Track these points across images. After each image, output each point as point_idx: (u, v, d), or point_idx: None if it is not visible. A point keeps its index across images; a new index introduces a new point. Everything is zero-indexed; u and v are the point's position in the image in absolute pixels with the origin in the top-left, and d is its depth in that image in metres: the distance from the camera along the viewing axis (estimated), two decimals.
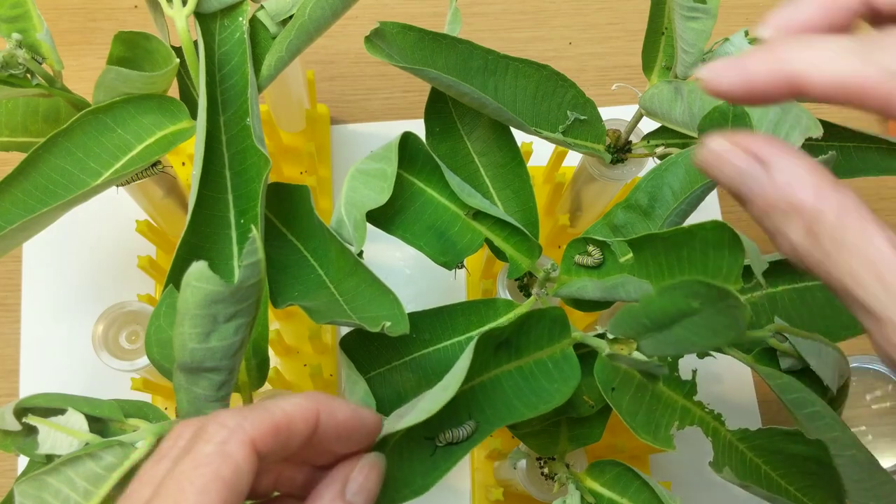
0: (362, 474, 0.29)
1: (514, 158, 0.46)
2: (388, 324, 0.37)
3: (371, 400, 0.38)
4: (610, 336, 0.38)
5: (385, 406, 0.41)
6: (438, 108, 0.46)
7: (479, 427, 0.37)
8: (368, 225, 0.68)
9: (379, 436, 0.33)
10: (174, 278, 0.38)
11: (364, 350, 0.41)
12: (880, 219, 0.22)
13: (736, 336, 0.32)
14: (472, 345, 0.35)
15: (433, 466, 0.35)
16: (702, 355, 0.43)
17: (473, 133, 0.46)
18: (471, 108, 0.45)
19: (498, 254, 0.45)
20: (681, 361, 0.43)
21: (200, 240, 0.40)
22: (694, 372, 0.42)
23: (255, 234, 0.28)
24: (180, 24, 0.42)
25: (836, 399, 0.44)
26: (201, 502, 0.24)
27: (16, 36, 0.41)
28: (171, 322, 0.35)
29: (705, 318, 0.32)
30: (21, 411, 0.34)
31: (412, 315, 0.41)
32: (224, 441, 0.25)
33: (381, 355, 0.42)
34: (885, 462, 0.60)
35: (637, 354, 0.36)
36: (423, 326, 0.43)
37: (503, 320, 0.44)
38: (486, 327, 0.44)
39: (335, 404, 0.29)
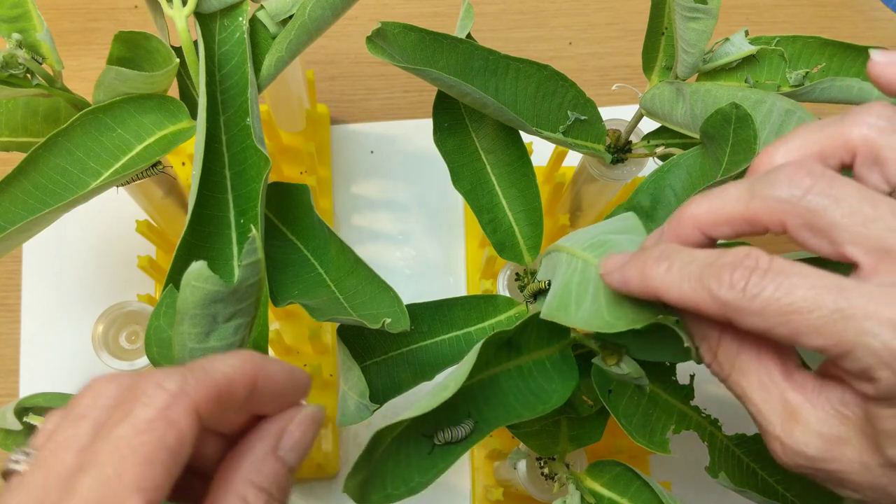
0: (300, 429, 0.27)
1: (521, 157, 0.46)
2: (388, 321, 0.37)
3: (365, 387, 0.38)
4: (598, 343, 0.38)
5: (380, 395, 0.41)
6: (448, 104, 0.46)
7: (477, 426, 0.37)
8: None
9: (376, 430, 0.33)
10: (174, 278, 0.38)
11: (361, 338, 0.41)
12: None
13: (687, 359, 0.32)
14: (477, 347, 0.35)
15: (431, 465, 0.35)
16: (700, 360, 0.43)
17: (481, 130, 0.46)
18: None
19: (501, 247, 0.45)
20: (679, 366, 0.42)
21: (200, 240, 0.40)
22: (691, 377, 0.42)
23: (255, 234, 0.27)
24: (180, 24, 0.42)
25: None
26: (146, 473, 0.22)
27: (16, 36, 0.41)
28: (171, 322, 0.35)
29: (674, 337, 0.33)
30: (22, 411, 0.34)
31: (411, 306, 0.41)
32: (167, 406, 0.23)
33: (378, 345, 0.42)
34: None
35: (624, 365, 0.36)
36: (422, 318, 0.43)
37: (503, 318, 0.44)
38: (487, 323, 0.44)
39: (271, 366, 0.27)
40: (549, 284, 0.39)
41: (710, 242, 0.29)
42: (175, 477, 0.23)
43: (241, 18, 0.43)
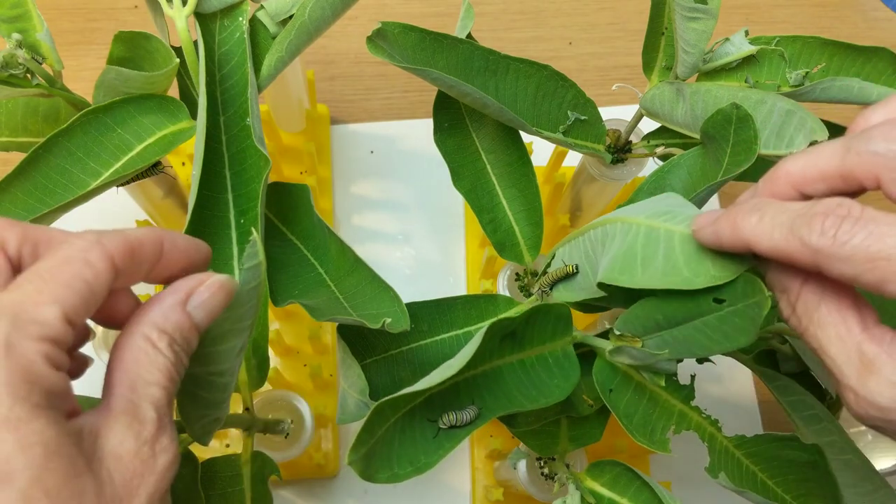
0: (209, 290, 0.29)
1: (521, 157, 0.46)
2: (388, 320, 0.37)
3: (364, 384, 0.38)
4: (617, 332, 0.38)
5: (380, 393, 0.41)
6: (448, 104, 0.46)
7: (480, 413, 0.37)
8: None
9: (380, 401, 0.33)
10: None
11: (361, 337, 0.41)
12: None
13: (747, 341, 0.32)
14: (482, 331, 0.35)
15: (436, 446, 0.36)
16: (700, 360, 0.43)
17: (481, 130, 0.46)
18: None
19: (501, 247, 0.46)
20: (680, 366, 0.42)
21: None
22: (692, 377, 0.42)
23: (256, 236, 0.28)
24: (180, 24, 0.42)
25: (834, 403, 0.44)
26: (64, 292, 0.24)
27: (16, 36, 0.41)
28: None
29: (721, 318, 0.32)
30: None
31: (411, 306, 0.41)
32: (85, 250, 0.25)
33: (378, 343, 0.42)
34: (886, 462, 0.60)
35: (652, 342, 0.36)
36: (422, 318, 0.43)
37: (510, 315, 0.44)
38: (488, 322, 0.44)
39: (175, 234, 0.29)
40: (577, 269, 0.40)
41: (804, 200, 0.29)
42: (90, 310, 0.25)
43: (241, 18, 0.43)
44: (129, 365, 0.26)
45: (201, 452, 0.56)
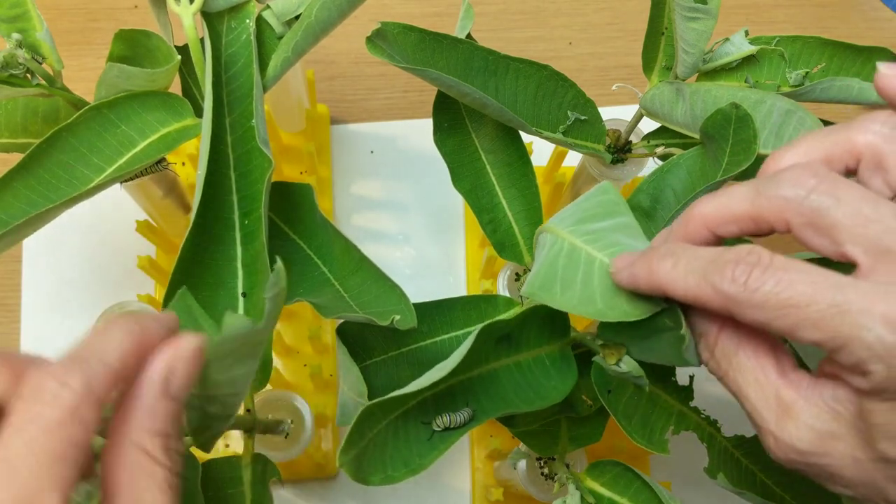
0: (185, 364, 0.26)
1: (521, 157, 0.46)
2: (397, 317, 0.37)
3: (363, 387, 0.38)
4: (599, 342, 0.38)
5: (379, 395, 0.41)
6: (448, 104, 0.46)
7: (474, 414, 0.37)
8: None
9: (368, 403, 0.33)
10: (178, 280, 0.38)
11: (361, 338, 0.41)
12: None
13: (682, 363, 0.32)
14: (474, 333, 0.35)
15: (430, 447, 0.36)
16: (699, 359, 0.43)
17: (481, 130, 0.46)
18: None
19: (501, 247, 0.46)
20: (679, 367, 0.43)
21: (205, 241, 0.40)
22: (691, 378, 0.42)
23: (280, 265, 0.27)
24: (187, 21, 0.42)
25: None
26: (60, 471, 0.23)
27: (16, 36, 0.41)
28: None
29: (670, 337, 0.32)
30: None
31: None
32: (76, 407, 0.23)
33: (377, 345, 0.42)
34: None
35: (624, 364, 0.36)
36: (422, 318, 0.42)
37: (504, 317, 0.44)
38: (489, 321, 0.44)
39: (149, 328, 0.27)
40: None
41: (717, 241, 0.30)
42: (82, 466, 0.24)
43: (247, 21, 0.43)
44: (125, 489, 0.25)
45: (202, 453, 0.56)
